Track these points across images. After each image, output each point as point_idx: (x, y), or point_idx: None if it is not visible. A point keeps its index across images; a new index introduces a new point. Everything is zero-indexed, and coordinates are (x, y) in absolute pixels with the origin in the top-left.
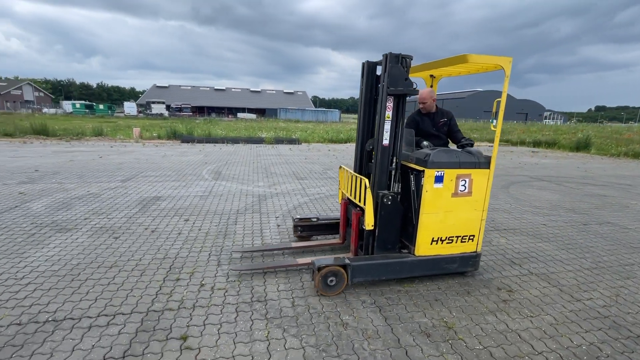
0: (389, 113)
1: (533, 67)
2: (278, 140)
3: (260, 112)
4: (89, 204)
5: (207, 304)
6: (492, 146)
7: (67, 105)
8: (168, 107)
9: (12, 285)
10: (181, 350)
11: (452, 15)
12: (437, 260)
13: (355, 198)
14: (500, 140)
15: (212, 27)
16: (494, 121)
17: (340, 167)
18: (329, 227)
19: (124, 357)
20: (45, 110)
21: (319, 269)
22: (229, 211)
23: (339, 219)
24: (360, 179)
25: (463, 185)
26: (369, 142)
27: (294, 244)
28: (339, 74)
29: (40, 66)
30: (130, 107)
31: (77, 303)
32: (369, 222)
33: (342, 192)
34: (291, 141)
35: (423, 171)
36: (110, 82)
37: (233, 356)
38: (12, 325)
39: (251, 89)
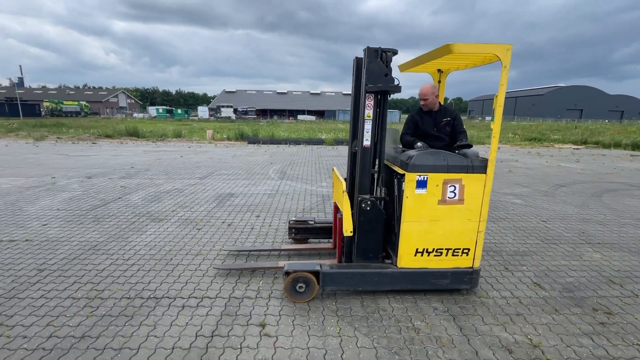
0: (369, 112)
1: (631, 57)
2: (338, 142)
3: (320, 114)
4: (175, 198)
5: (280, 295)
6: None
7: (152, 110)
8: (235, 111)
9: (121, 264)
10: (260, 336)
11: (528, 3)
12: (423, 274)
13: (339, 202)
14: (590, 142)
15: (275, 33)
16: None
17: (334, 169)
18: (325, 231)
19: (212, 336)
20: (135, 115)
21: (287, 273)
22: (295, 209)
23: None
24: (340, 181)
25: (452, 191)
26: (354, 143)
27: (285, 246)
28: (400, 74)
29: (131, 76)
30: (203, 111)
31: (171, 284)
32: (346, 228)
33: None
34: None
35: (404, 175)
36: (186, 89)
37: (308, 348)
38: (123, 298)
39: (311, 92)
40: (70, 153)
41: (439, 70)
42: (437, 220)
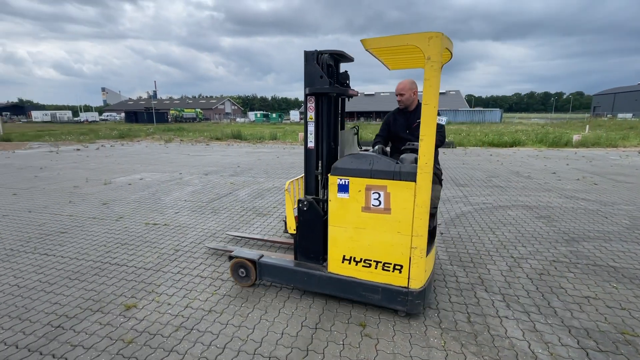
0: (311, 114)
1: None
2: None
3: None
4: (275, 196)
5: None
6: None
7: (251, 115)
8: None
9: None
10: (362, 336)
11: None
12: (351, 284)
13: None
14: None
15: (364, 35)
16: (442, 118)
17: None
18: None
19: (315, 328)
20: (238, 119)
21: (230, 258)
22: None
23: None
24: (288, 182)
25: (376, 199)
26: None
27: (273, 238)
28: (501, 68)
29: (235, 85)
30: (294, 115)
31: None
32: (289, 226)
33: None
34: (445, 145)
35: (328, 177)
36: (280, 95)
37: (411, 356)
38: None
39: None
40: (191, 153)
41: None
42: (363, 228)
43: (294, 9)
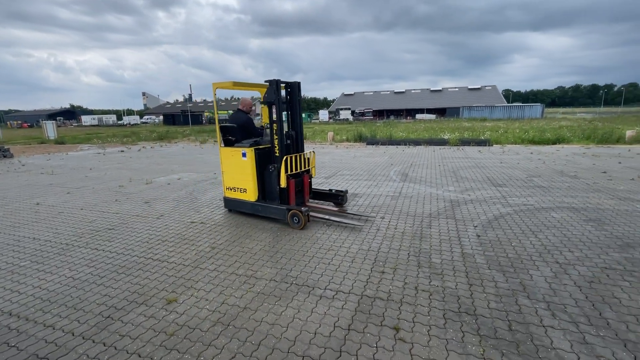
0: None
1: None
2: (464, 142)
3: (440, 112)
4: None
5: (413, 302)
6: None
7: None
8: (352, 112)
9: (268, 250)
10: (395, 339)
11: None
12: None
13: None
14: None
15: (391, 31)
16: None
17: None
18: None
19: (349, 329)
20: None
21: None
22: (421, 214)
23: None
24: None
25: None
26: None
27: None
28: (542, 59)
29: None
30: (323, 114)
31: (309, 274)
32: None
33: None
34: (480, 142)
35: None
36: (309, 94)
37: None
38: (272, 280)
39: (431, 89)
40: None
41: None
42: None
43: (319, 7)
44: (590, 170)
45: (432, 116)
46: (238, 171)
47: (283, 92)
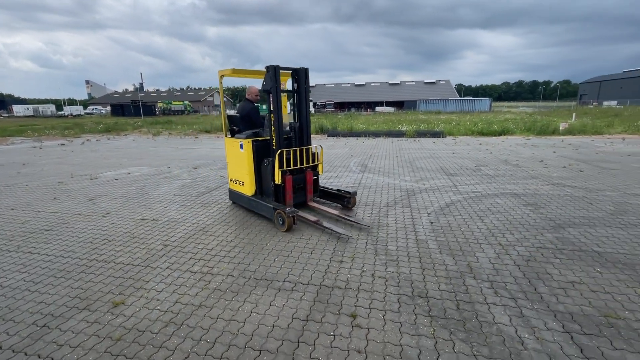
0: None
1: None
2: (420, 134)
3: (399, 104)
4: None
5: (370, 289)
6: None
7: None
8: (314, 104)
9: (225, 245)
10: (352, 326)
11: None
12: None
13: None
14: None
15: (351, 24)
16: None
17: None
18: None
19: (307, 320)
20: (227, 112)
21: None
22: (379, 203)
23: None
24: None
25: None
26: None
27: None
28: (490, 57)
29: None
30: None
31: (268, 267)
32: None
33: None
34: (435, 134)
35: None
36: None
37: (401, 345)
38: (229, 276)
39: (390, 82)
40: (179, 146)
41: None
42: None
43: None
44: (530, 159)
45: (391, 109)
46: (238, 163)
47: (289, 81)
